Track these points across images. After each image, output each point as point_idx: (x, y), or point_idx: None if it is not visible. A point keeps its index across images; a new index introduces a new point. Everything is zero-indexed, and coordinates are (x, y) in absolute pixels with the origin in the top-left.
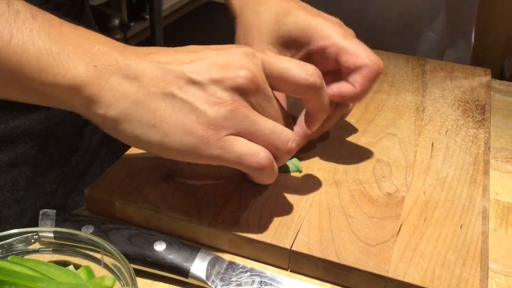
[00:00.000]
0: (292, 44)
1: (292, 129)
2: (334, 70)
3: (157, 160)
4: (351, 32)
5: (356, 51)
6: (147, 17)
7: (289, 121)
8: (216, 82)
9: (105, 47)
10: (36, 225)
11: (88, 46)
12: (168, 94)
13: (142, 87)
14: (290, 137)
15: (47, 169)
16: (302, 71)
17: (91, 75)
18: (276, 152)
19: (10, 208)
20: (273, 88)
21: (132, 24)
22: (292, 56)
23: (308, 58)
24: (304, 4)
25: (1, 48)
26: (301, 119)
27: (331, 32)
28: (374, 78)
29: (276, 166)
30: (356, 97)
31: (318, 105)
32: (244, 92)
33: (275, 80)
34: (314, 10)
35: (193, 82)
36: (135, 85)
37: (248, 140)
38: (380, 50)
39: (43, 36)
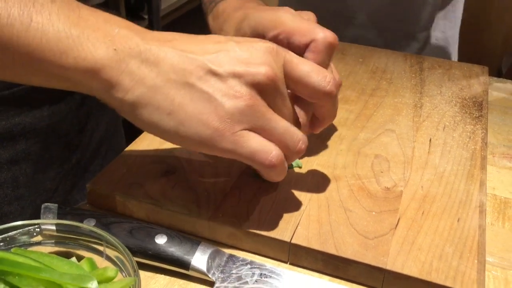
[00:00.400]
0: None
1: (300, 129)
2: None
3: (158, 155)
4: (306, 15)
5: (303, 29)
6: (146, 16)
7: (299, 122)
8: (237, 76)
9: (126, 30)
10: None
11: (108, 28)
12: (187, 83)
13: (161, 73)
14: (301, 138)
15: (47, 166)
16: (321, 78)
17: (111, 58)
18: (286, 151)
19: (10, 205)
20: (289, 89)
21: None
22: None
23: None
24: (261, 6)
25: (21, 31)
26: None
27: (279, 20)
28: (325, 51)
29: (286, 164)
30: None
31: (329, 112)
32: (263, 89)
33: (293, 82)
34: (267, 7)
35: (213, 73)
36: (155, 70)
37: (262, 137)
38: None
39: (63, 19)
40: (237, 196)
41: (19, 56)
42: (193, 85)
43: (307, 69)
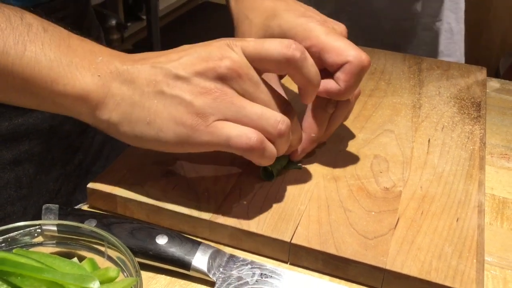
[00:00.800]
0: None
1: (290, 111)
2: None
3: (158, 156)
4: (339, 28)
5: (337, 48)
6: (144, 17)
7: (285, 104)
8: (200, 74)
9: (107, 57)
10: None
11: (93, 57)
12: (158, 91)
13: (137, 89)
14: (279, 119)
15: (50, 167)
16: (279, 46)
17: (96, 84)
18: (267, 135)
19: (13, 205)
20: (260, 71)
21: (129, 24)
22: None
23: None
24: (292, 3)
25: (15, 59)
26: (304, 123)
27: (313, 32)
28: (358, 74)
29: (270, 146)
30: (342, 94)
31: (304, 78)
32: (228, 79)
33: (258, 62)
34: (301, 9)
35: (178, 77)
36: (131, 87)
37: (238, 124)
38: (376, 46)
39: (54, 48)
40: (237, 197)
41: (12, 82)
42: (163, 92)
43: (265, 44)
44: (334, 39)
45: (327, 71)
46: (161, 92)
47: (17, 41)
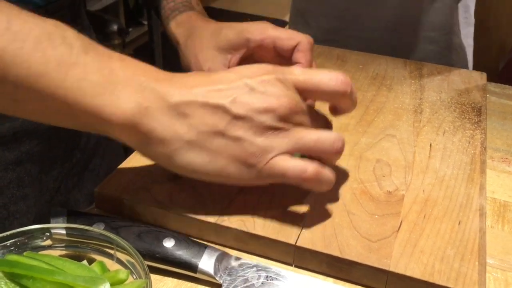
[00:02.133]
0: (232, 47)
1: (330, 125)
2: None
3: None
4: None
5: (288, 35)
6: (145, 22)
7: (325, 119)
8: (259, 113)
9: (153, 83)
10: (42, 220)
11: (137, 83)
12: (218, 131)
13: (192, 127)
14: (334, 138)
15: (50, 166)
16: (334, 82)
17: (142, 114)
18: (326, 155)
19: (16, 205)
20: (305, 98)
21: (130, 29)
22: (232, 56)
23: (250, 55)
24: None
25: (58, 82)
26: None
27: (263, 28)
28: (310, 49)
29: (326, 174)
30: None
31: (349, 106)
32: (286, 118)
33: (309, 93)
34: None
35: (239, 117)
36: (185, 123)
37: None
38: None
39: (96, 73)
40: (242, 200)
41: (55, 106)
42: (223, 132)
43: (318, 78)
44: (282, 30)
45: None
46: (221, 132)
47: (59, 63)
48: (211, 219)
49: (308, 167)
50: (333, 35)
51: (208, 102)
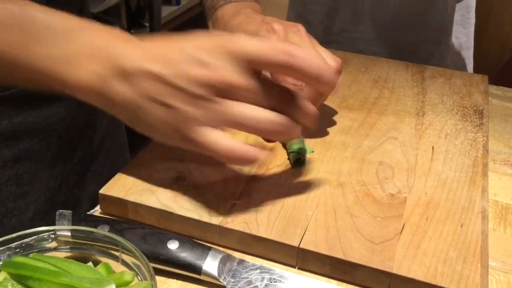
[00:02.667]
0: None
1: (291, 96)
2: None
3: (168, 163)
4: (295, 27)
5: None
6: (147, 24)
7: (283, 92)
8: (196, 84)
9: (111, 48)
10: (41, 218)
11: (97, 51)
12: (154, 98)
13: (137, 92)
14: (273, 120)
15: (50, 165)
16: (273, 52)
17: (101, 83)
18: (263, 135)
19: (15, 202)
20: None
21: (132, 31)
22: None
23: None
24: (254, 12)
25: (22, 54)
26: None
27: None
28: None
29: (250, 154)
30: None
31: (312, 83)
32: (224, 92)
33: (264, 67)
34: (258, 19)
35: (175, 87)
36: (133, 89)
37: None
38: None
39: (59, 43)
40: (246, 202)
41: (20, 75)
42: (159, 99)
43: (264, 49)
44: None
45: None
46: (157, 99)
47: (22, 36)
48: (215, 221)
49: (235, 148)
50: (335, 36)
51: (151, 71)
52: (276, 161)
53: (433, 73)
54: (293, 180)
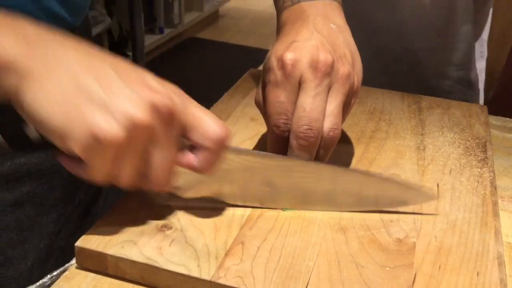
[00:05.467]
0: None
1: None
2: None
3: (153, 209)
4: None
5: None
6: (130, 53)
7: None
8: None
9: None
10: (40, 267)
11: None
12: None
13: None
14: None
15: (51, 208)
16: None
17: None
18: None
19: (14, 249)
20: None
21: None
22: None
23: None
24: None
25: None
26: None
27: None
28: None
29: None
30: None
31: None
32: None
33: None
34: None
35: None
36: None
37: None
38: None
39: None
40: (240, 252)
41: None
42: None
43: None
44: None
45: None
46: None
47: None
48: (206, 275)
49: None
50: None
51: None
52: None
53: (430, 103)
54: (289, 226)
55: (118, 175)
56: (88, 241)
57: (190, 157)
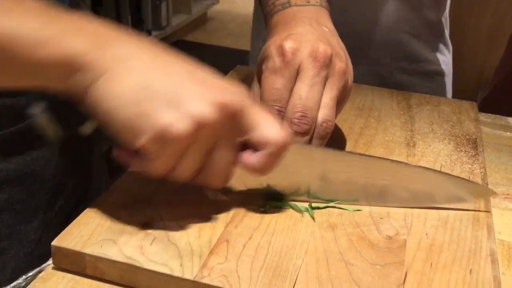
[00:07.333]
0: None
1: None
2: None
3: (134, 205)
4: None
5: None
6: None
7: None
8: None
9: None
10: (20, 277)
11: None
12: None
13: None
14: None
15: (31, 216)
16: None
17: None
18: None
19: None
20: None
21: None
22: None
23: None
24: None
25: None
26: None
27: None
28: None
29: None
30: None
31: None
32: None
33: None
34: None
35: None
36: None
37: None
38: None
39: (37, 17)
40: (224, 250)
41: None
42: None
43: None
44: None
45: None
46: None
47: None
48: (189, 275)
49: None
50: None
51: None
52: (257, 201)
53: (420, 100)
54: (276, 223)
55: (178, 169)
56: (65, 240)
57: (250, 158)
